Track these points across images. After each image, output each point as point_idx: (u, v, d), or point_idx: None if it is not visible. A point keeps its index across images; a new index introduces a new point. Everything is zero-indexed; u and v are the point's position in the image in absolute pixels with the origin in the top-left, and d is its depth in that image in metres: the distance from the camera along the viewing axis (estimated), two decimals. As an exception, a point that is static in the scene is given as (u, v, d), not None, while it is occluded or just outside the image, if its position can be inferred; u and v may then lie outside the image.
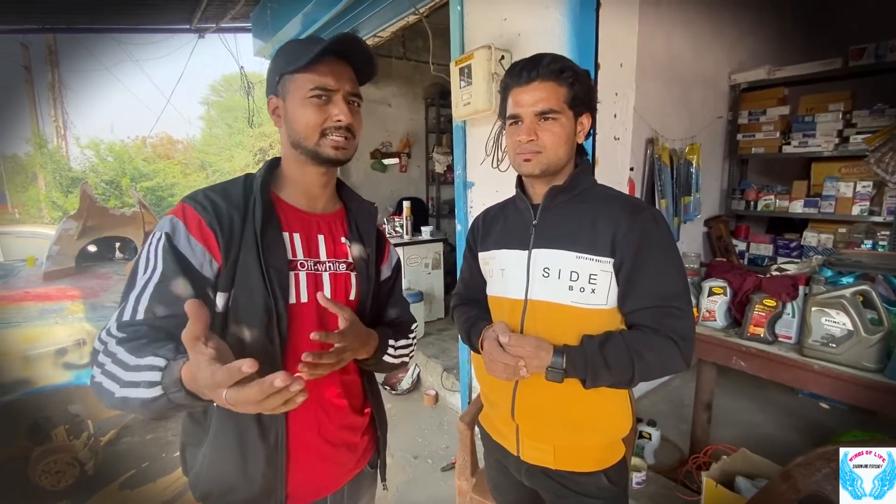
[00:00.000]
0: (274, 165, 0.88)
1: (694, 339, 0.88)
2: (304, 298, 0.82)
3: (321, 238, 0.88)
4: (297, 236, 0.84)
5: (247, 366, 0.52)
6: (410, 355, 1.01)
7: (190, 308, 0.55)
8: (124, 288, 0.74)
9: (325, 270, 0.87)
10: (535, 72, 0.86)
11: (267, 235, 0.78)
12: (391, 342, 0.93)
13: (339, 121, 0.80)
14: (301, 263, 0.83)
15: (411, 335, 1.02)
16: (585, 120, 0.92)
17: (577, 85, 0.88)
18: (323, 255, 0.87)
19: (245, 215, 0.78)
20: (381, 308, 1.00)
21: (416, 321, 1.06)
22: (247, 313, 0.76)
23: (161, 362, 0.61)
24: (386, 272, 1.01)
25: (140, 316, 0.69)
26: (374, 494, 1.05)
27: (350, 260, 0.91)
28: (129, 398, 0.62)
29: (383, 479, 1.04)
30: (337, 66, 0.80)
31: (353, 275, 0.91)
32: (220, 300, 0.76)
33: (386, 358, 0.92)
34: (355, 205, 0.96)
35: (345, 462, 0.92)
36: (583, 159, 0.97)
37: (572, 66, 0.89)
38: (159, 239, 0.73)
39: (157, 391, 0.60)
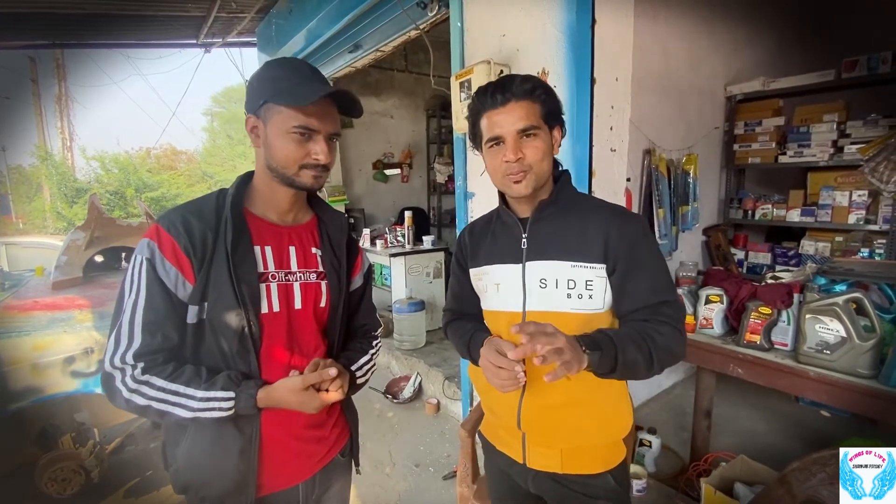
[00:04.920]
0: (246, 180, 0.92)
1: (685, 321, 0.91)
2: (276, 308, 0.87)
3: (292, 249, 0.92)
4: (268, 249, 0.89)
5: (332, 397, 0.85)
6: (374, 364, 1.07)
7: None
8: (115, 308, 0.81)
9: (296, 280, 0.91)
10: (510, 93, 0.88)
11: (238, 251, 0.83)
12: (353, 368, 0.98)
13: (317, 159, 0.84)
14: (272, 275, 0.88)
15: (374, 342, 1.08)
16: (557, 133, 0.95)
17: (548, 101, 0.91)
18: (294, 266, 0.91)
19: (217, 232, 0.83)
20: (352, 315, 1.05)
21: (380, 325, 1.13)
22: (222, 324, 0.82)
23: (231, 394, 0.80)
24: (358, 282, 1.06)
25: (138, 341, 0.78)
26: (348, 481, 1.09)
27: (321, 269, 0.95)
28: (199, 418, 0.79)
29: (356, 465, 1.09)
30: (324, 106, 0.83)
31: (323, 283, 0.95)
32: (192, 313, 0.81)
33: (359, 381, 1.00)
34: (326, 215, 1.00)
35: (314, 453, 0.97)
36: (561, 171, 1.00)
37: (542, 84, 0.92)
38: (141, 263, 0.79)
39: (230, 412, 0.80)
